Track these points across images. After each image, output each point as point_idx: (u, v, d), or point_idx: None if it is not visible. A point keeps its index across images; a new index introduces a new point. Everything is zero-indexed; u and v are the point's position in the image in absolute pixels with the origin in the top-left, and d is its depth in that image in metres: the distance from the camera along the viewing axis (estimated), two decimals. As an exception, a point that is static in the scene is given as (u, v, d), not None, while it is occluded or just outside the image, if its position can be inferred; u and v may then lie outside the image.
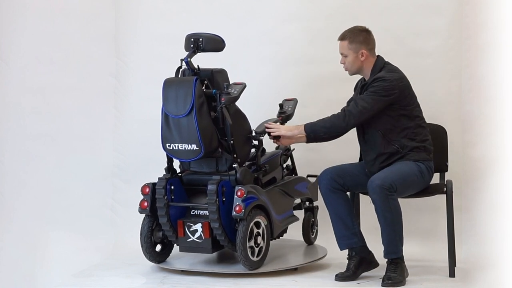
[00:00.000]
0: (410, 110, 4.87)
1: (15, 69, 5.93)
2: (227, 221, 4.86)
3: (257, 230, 4.90)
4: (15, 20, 5.91)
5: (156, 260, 5.11)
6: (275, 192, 5.11)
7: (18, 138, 5.93)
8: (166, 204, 4.93)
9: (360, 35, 4.91)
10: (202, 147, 4.80)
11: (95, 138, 6.04)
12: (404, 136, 4.85)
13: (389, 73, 4.84)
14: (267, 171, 5.10)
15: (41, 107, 5.97)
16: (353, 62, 4.93)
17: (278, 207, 5.09)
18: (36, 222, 5.85)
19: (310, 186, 5.37)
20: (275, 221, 5.04)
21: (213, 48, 4.96)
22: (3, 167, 5.90)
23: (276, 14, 5.94)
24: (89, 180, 6.00)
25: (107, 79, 6.08)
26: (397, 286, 4.74)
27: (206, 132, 4.82)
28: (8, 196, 5.88)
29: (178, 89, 4.83)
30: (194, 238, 4.95)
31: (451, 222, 5.00)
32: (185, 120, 4.81)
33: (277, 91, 5.94)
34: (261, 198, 4.91)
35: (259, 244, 4.92)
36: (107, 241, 5.86)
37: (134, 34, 6.06)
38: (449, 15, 5.76)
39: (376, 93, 4.79)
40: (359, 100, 4.81)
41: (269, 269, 4.98)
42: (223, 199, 4.83)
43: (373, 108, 4.79)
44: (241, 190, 4.80)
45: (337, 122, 4.82)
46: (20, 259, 5.68)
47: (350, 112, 4.80)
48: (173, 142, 4.88)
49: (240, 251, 4.80)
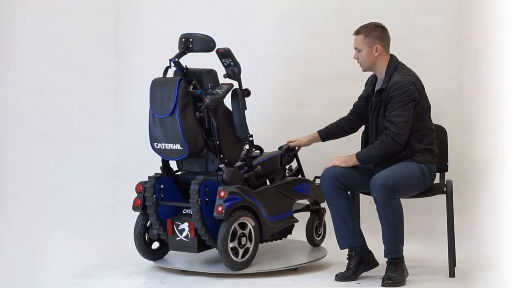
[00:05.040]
0: (422, 112, 4.88)
1: (15, 69, 5.93)
2: (212, 221, 4.87)
3: (242, 231, 4.89)
4: (15, 20, 5.91)
5: (151, 257, 5.16)
6: (268, 193, 5.08)
7: (18, 138, 5.93)
8: (154, 203, 4.98)
9: (376, 30, 4.92)
10: (186, 147, 4.84)
11: (95, 138, 6.04)
12: (413, 138, 4.86)
13: (405, 76, 4.84)
14: (259, 172, 5.06)
15: (41, 107, 5.97)
16: (367, 57, 4.92)
17: (271, 208, 5.07)
18: (36, 222, 5.85)
19: (314, 188, 5.30)
20: (267, 222, 5.02)
21: (203, 48, 4.98)
22: (3, 167, 5.90)
23: (276, 14, 5.94)
24: (89, 180, 6.00)
25: (107, 79, 6.08)
26: (397, 286, 4.74)
27: (190, 132, 4.86)
28: (8, 196, 5.87)
29: (163, 89, 4.89)
30: (182, 237, 4.98)
31: (451, 222, 5.00)
32: (169, 119, 4.87)
33: (277, 91, 5.94)
34: (248, 199, 4.90)
35: (244, 245, 4.91)
36: (107, 241, 5.85)
37: (134, 34, 6.06)
38: (449, 15, 5.76)
39: (402, 102, 4.79)
40: (394, 118, 4.79)
41: (268, 268, 4.98)
42: (206, 199, 4.85)
43: (410, 117, 4.81)
44: (222, 190, 4.81)
45: (390, 147, 4.80)
46: (20, 259, 5.67)
47: (396, 134, 4.78)
48: (159, 142, 4.95)
49: (220, 251, 4.82)
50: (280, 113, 5.95)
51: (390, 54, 4.97)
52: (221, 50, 4.95)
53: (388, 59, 4.94)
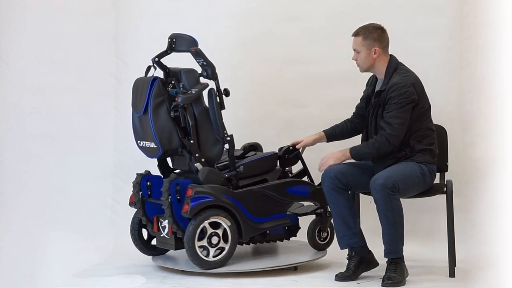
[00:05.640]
0: (422, 113, 4.87)
1: (15, 69, 5.93)
2: (185, 219, 4.92)
3: (213, 230, 4.91)
4: (15, 20, 5.91)
5: (148, 252, 5.28)
6: (254, 194, 5.05)
7: (18, 138, 5.93)
8: (140, 200, 5.11)
9: (375, 32, 4.92)
10: (159, 145, 4.94)
11: (95, 138, 6.04)
12: (413, 139, 4.85)
13: (404, 77, 4.84)
14: (241, 173, 5.05)
15: (41, 107, 5.97)
16: (366, 59, 4.92)
17: (256, 209, 5.05)
18: (36, 222, 5.85)
19: (314, 190, 5.22)
20: (249, 223, 5.01)
21: (184, 48, 5.05)
22: (3, 167, 5.90)
23: (276, 14, 5.94)
24: (89, 180, 6.00)
25: (107, 79, 6.08)
26: (397, 286, 4.74)
27: (163, 131, 4.94)
28: (8, 196, 5.88)
29: (140, 89, 5.02)
30: (164, 234, 5.05)
31: (451, 222, 5.00)
32: (143, 118, 4.99)
33: (277, 91, 5.94)
34: (223, 199, 4.91)
35: (216, 244, 4.92)
36: (107, 241, 5.85)
37: (134, 34, 6.05)
38: (449, 15, 5.76)
39: (400, 104, 4.78)
40: (391, 119, 4.79)
41: (267, 266, 4.99)
42: (177, 197, 4.92)
43: (406, 120, 4.80)
44: (190, 189, 4.86)
45: (383, 147, 4.81)
46: (20, 259, 5.67)
47: (390, 135, 4.79)
48: (141, 139, 5.09)
49: (186, 249, 4.87)
50: (280, 113, 5.94)
51: (390, 55, 4.97)
52: (193, 50, 5.00)
53: (388, 60, 4.94)
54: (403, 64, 4.96)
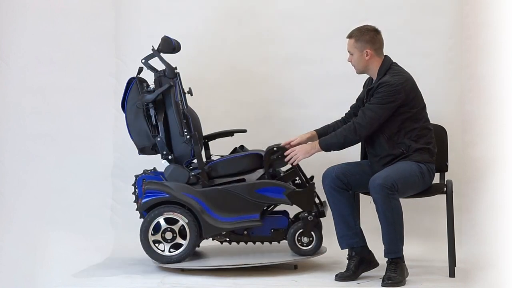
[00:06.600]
0: (416, 113, 4.87)
1: (15, 69, 5.94)
2: None
3: (168, 226, 5.03)
4: (15, 20, 5.91)
5: None
6: (219, 193, 5.07)
7: (18, 138, 5.93)
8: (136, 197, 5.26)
9: (367, 34, 4.92)
10: (134, 142, 5.20)
11: (95, 138, 6.04)
12: (409, 138, 4.85)
13: (394, 77, 4.84)
14: (208, 171, 5.10)
15: (41, 107, 5.97)
16: (359, 61, 4.93)
17: (223, 208, 5.07)
18: (36, 222, 5.85)
19: (290, 193, 5.08)
20: (210, 221, 5.03)
21: (165, 49, 5.23)
22: (3, 167, 5.90)
23: (276, 14, 5.94)
24: (89, 180, 6.00)
25: (107, 79, 6.08)
26: (397, 286, 4.74)
27: (136, 129, 5.17)
28: (8, 196, 5.88)
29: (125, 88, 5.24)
30: None
31: (451, 222, 5.00)
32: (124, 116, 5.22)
33: (277, 91, 5.94)
34: (180, 196, 5.03)
35: (171, 239, 5.04)
36: (107, 241, 5.85)
37: (134, 34, 6.05)
38: (449, 15, 5.76)
39: (382, 100, 4.79)
40: (367, 110, 4.82)
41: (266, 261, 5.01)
42: None
43: (381, 117, 4.81)
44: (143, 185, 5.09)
45: (349, 136, 4.85)
46: (20, 259, 5.67)
47: (359, 125, 4.81)
48: None
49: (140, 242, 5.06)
50: (280, 113, 5.94)
51: (384, 56, 4.97)
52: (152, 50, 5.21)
53: (381, 61, 4.94)
54: (397, 65, 4.96)
